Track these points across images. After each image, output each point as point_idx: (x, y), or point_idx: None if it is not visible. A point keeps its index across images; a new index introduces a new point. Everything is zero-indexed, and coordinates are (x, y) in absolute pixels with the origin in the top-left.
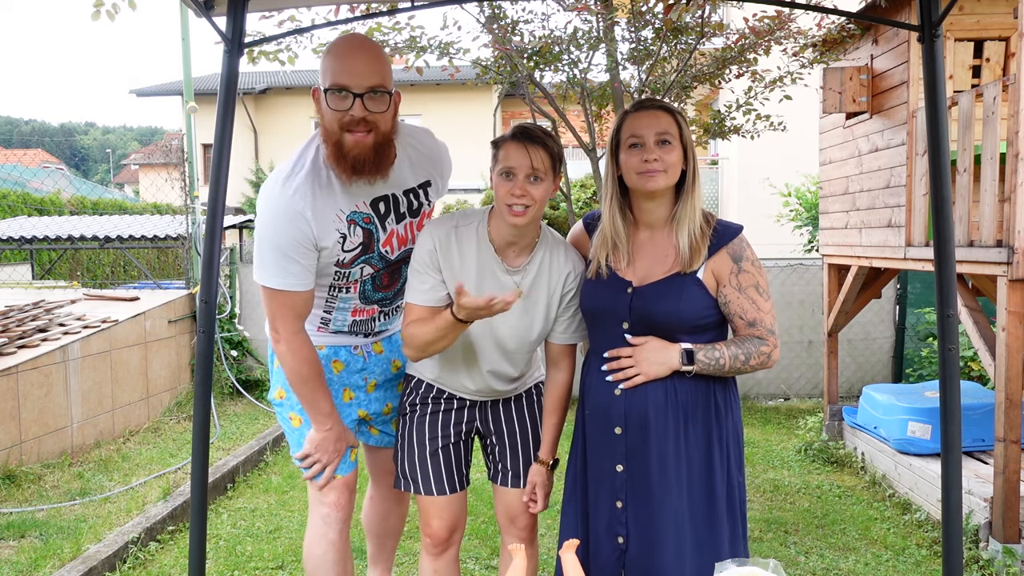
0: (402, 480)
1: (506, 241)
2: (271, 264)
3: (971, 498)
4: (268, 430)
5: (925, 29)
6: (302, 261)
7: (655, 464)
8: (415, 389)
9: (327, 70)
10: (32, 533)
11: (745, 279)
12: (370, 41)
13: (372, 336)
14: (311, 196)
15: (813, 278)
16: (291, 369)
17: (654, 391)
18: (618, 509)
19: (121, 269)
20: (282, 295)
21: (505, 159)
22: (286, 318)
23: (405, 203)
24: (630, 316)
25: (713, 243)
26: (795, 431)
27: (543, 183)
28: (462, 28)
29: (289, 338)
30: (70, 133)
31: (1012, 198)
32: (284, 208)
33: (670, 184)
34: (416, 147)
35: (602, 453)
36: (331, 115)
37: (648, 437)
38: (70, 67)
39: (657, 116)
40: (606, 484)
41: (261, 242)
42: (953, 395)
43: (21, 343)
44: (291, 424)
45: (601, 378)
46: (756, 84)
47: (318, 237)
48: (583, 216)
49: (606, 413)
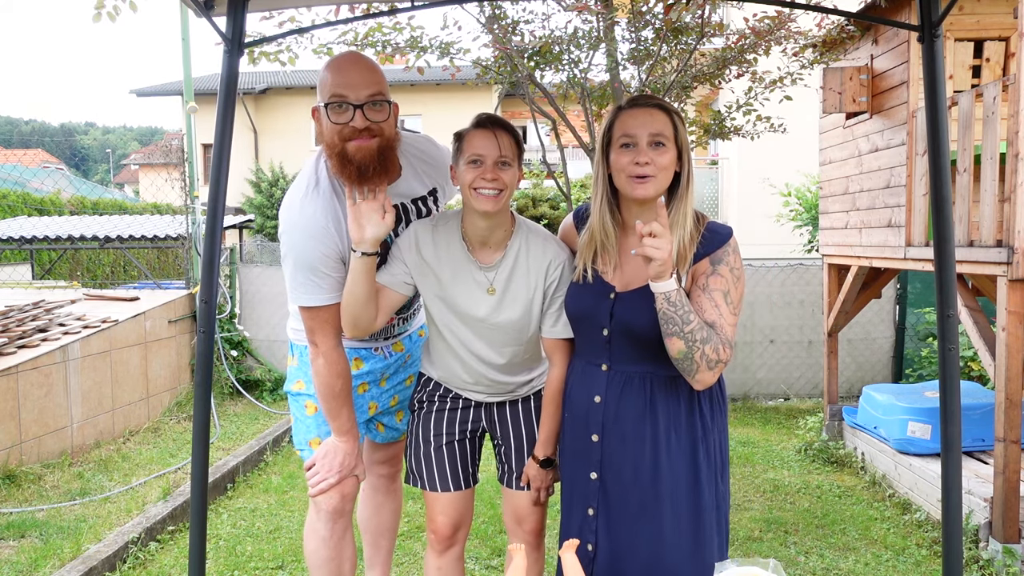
0: (410, 475)
1: (479, 238)
2: (306, 284)
3: (971, 498)
4: (268, 430)
5: (925, 29)
6: (333, 275)
7: (629, 474)
8: (424, 386)
9: (325, 86)
10: (32, 533)
11: (715, 282)
12: (364, 55)
13: (392, 338)
14: (332, 210)
15: (813, 278)
16: (324, 382)
17: (633, 400)
18: (589, 516)
19: (121, 269)
20: (319, 311)
21: (472, 147)
22: (325, 332)
23: (415, 212)
24: (610, 323)
25: (699, 251)
26: (795, 431)
27: (511, 168)
28: (462, 28)
29: (328, 351)
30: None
31: (1012, 198)
32: (309, 226)
33: (661, 191)
34: (420, 156)
35: (578, 459)
36: (332, 128)
37: (625, 447)
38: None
39: (652, 115)
40: (580, 490)
41: (291, 264)
42: (953, 395)
43: (21, 343)
44: (305, 412)
45: (583, 383)
46: (756, 84)
47: (342, 250)
48: (573, 210)
49: (584, 419)
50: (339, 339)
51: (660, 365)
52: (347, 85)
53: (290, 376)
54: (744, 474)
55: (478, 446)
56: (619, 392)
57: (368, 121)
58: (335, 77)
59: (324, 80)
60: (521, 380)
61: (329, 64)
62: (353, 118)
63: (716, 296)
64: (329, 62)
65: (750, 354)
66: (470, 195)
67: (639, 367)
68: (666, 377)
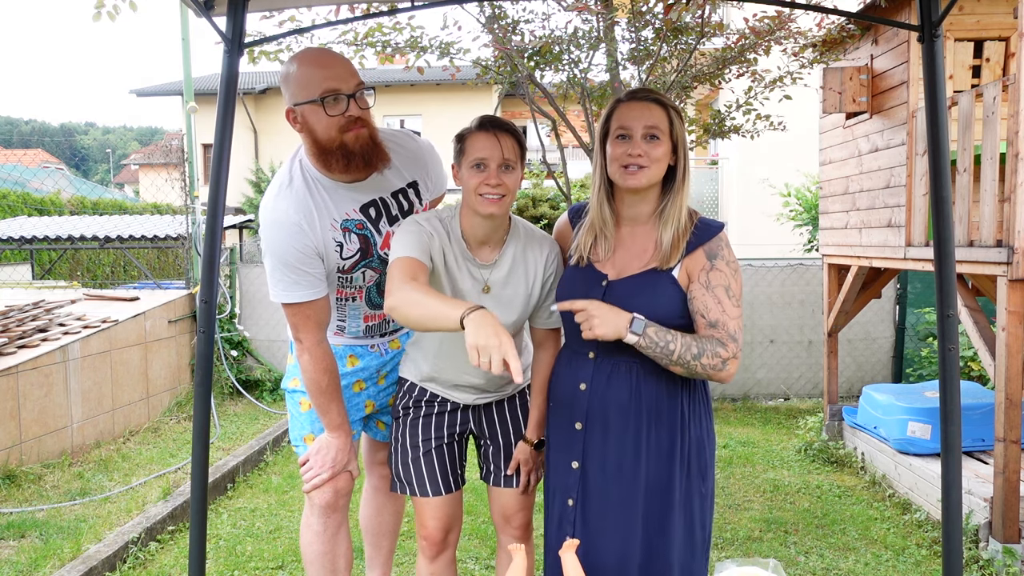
0: (396, 483)
1: (478, 237)
2: (283, 280)
3: (971, 498)
4: (268, 430)
5: (925, 29)
6: (311, 271)
7: (611, 465)
8: (408, 393)
9: (311, 82)
10: (32, 533)
11: (715, 277)
12: (329, 48)
13: (388, 335)
14: (304, 208)
15: (813, 278)
16: (311, 378)
17: (618, 390)
18: (569, 507)
19: (121, 269)
20: (300, 307)
21: (475, 150)
22: (308, 328)
23: (395, 205)
24: None
25: (691, 241)
26: (795, 431)
27: (514, 171)
28: (462, 28)
29: (312, 347)
30: (70, 133)
31: (1012, 198)
32: (283, 223)
33: (652, 182)
34: (397, 151)
35: (560, 448)
36: (329, 122)
37: (608, 437)
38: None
39: (648, 108)
40: (561, 480)
41: (269, 261)
42: (953, 395)
43: (21, 343)
44: (300, 408)
45: (569, 370)
46: (756, 84)
47: (317, 246)
48: (568, 208)
49: (569, 407)
50: (323, 334)
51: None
52: (337, 77)
53: (288, 373)
54: (744, 474)
55: (464, 448)
56: (605, 380)
57: (360, 110)
58: (322, 71)
59: (308, 76)
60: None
61: (304, 60)
62: (348, 108)
63: (719, 292)
64: (302, 59)
65: (750, 354)
66: (475, 199)
67: (626, 355)
68: (654, 366)
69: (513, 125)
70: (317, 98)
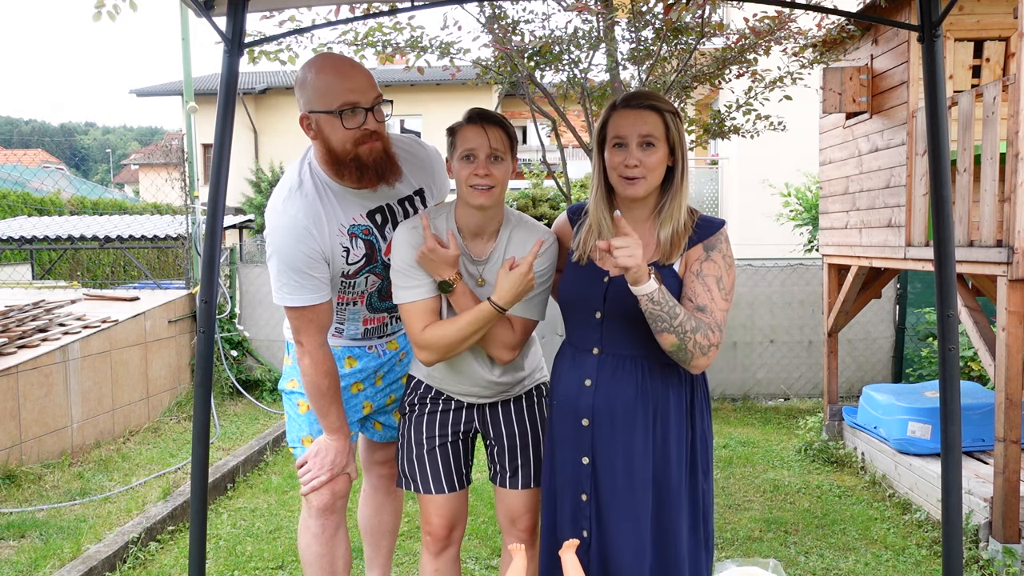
0: (402, 478)
1: (472, 230)
2: (289, 284)
3: (971, 498)
4: (268, 430)
5: (925, 29)
6: (316, 275)
7: (621, 458)
8: (415, 389)
9: (327, 92)
10: (32, 533)
11: (708, 267)
12: (350, 57)
13: (386, 337)
14: (313, 212)
15: (813, 278)
16: (311, 381)
17: (624, 385)
18: (583, 502)
19: (121, 269)
20: (304, 310)
21: (464, 142)
22: (310, 331)
23: (401, 212)
24: (604, 305)
25: (692, 238)
26: (795, 431)
27: (503, 163)
28: (462, 28)
29: (313, 351)
30: (70, 133)
31: (1012, 198)
32: (291, 227)
33: (651, 190)
34: (407, 159)
35: (568, 444)
36: (345, 134)
37: (615, 431)
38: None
39: (642, 116)
40: (571, 476)
41: (275, 265)
42: (953, 395)
43: (21, 343)
44: (298, 410)
45: (572, 368)
46: (756, 84)
47: (324, 250)
48: (568, 207)
49: (574, 404)
50: (324, 338)
51: (652, 349)
52: (357, 90)
53: (284, 374)
54: (744, 474)
55: (471, 447)
56: (610, 375)
57: (377, 123)
58: (343, 83)
59: (328, 86)
60: (514, 379)
61: (324, 68)
62: (365, 121)
63: (709, 281)
64: (322, 66)
65: (750, 354)
66: (466, 191)
67: (631, 351)
68: (658, 362)
69: (502, 117)
70: (335, 110)
